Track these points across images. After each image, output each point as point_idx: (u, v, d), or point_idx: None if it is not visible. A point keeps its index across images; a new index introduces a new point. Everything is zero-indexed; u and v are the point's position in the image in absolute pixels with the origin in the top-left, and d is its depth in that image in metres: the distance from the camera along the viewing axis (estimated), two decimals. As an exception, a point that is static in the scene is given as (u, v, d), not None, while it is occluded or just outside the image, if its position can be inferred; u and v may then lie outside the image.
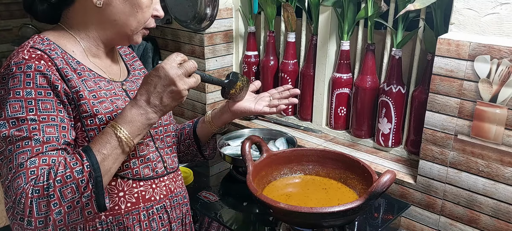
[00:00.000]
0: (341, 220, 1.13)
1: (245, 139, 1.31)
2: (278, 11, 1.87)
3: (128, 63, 1.19)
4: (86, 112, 0.95)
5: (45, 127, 0.89)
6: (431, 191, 1.39)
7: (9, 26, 3.31)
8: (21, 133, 0.87)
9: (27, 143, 0.87)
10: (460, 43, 1.22)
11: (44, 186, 0.85)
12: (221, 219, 1.37)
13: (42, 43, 0.96)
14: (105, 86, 1.02)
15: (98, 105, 0.97)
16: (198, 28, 1.91)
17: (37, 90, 0.89)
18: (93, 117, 0.96)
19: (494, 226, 1.29)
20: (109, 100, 1.00)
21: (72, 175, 0.87)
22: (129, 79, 1.13)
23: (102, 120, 0.96)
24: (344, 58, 1.70)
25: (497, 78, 1.18)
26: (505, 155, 1.22)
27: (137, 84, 1.14)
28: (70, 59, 0.98)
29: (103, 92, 1.00)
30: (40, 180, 0.86)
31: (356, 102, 1.68)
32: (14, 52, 0.94)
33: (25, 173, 0.86)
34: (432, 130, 1.34)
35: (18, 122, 0.88)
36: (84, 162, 0.88)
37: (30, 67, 0.89)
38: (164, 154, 1.13)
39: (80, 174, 0.87)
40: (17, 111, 0.88)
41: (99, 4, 0.97)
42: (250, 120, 2.00)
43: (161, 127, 1.14)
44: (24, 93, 0.88)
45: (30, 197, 0.84)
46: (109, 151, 0.91)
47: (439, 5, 1.37)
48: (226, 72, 2.10)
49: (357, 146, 1.73)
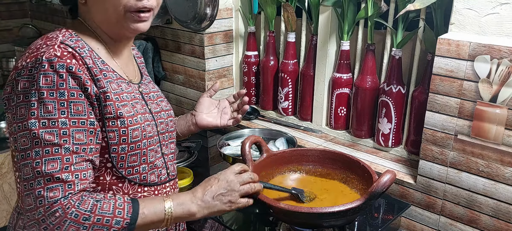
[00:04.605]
0: (341, 220, 1.13)
1: (245, 139, 1.31)
2: (278, 11, 1.87)
3: (140, 66, 1.19)
4: (111, 113, 0.95)
5: (75, 133, 0.89)
6: (431, 191, 1.39)
7: (9, 26, 3.32)
8: (51, 137, 0.86)
9: (57, 150, 0.87)
10: (460, 43, 1.22)
11: (84, 215, 0.87)
12: (221, 219, 1.37)
13: (71, 39, 0.94)
14: (126, 88, 1.02)
15: (121, 108, 0.97)
16: (198, 28, 1.91)
17: (70, 91, 0.88)
18: (116, 119, 0.95)
19: (494, 226, 1.29)
20: (130, 104, 1.00)
21: (111, 221, 0.90)
22: (143, 81, 1.13)
23: (123, 122, 0.96)
24: (344, 58, 1.70)
25: (497, 78, 1.18)
26: (505, 155, 1.22)
27: (150, 87, 1.13)
28: (96, 58, 0.97)
29: (124, 95, 1.00)
30: (84, 206, 0.88)
31: (356, 102, 1.68)
32: (43, 43, 0.91)
33: (62, 186, 0.87)
34: (432, 130, 1.34)
35: (49, 124, 0.86)
36: (127, 217, 0.91)
37: (62, 67, 0.87)
38: (168, 161, 1.14)
39: (117, 224, 0.90)
40: (50, 112, 0.86)
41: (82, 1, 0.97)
42: (250, 120, 2.00)
43: (167, 133, 1.13)
44: (57, 94, 0.87)
45: (68, 217, 0.86)
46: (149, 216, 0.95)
47: (439, 5, 1.37)
48: (226, 72, 2.10)
49: (357, 146, 1.73)
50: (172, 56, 2.14)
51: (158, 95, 1.16)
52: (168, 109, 1.16)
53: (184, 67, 2.10)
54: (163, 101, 1.17)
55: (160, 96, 1.17)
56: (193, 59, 2.03)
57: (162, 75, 2.21)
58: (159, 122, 1.09)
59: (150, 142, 1.03)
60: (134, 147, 0.99)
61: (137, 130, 0.99)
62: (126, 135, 0.97)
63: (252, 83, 2.07)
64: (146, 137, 1.01)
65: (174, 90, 2.21)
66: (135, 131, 0.98)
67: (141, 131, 1.00)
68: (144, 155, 1.02)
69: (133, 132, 0.98)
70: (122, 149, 0.97)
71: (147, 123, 1.02)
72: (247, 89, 2.09)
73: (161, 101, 1.15)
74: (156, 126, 1.07)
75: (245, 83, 2.08)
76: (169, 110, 1.17)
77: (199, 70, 2.03)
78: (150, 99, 1.10)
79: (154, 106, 1.10)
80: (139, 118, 1.00)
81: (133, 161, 1.00)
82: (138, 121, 0.99)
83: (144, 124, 1.01)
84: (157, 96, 1.15)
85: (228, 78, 2.12)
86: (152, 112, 1.08)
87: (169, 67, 2.18)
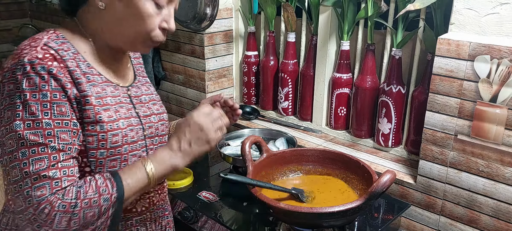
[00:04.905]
0: (341, 220, 1.13)
1: (245, 139, 1.31)
2: (278, 11, 1.87)
3: (135, 66, 1.18)
4: (89, 118, 0.94)
5: (60, 133, 0.89)
6: (431, 191, 1.39)
7: (9, 26, 3.31)
8: (36, 137, 0.86)
9: (43, 150, 0.87)
10: (460, 43, 1.22)
11: (71, 204, 0.88)
12: (221, 219, 1.37)
13: (56, 41, 0.94)
14: (112, 92, 1.01)
15: (102, 112, 0.96)
16: (198, 28, 1.91)
17: (52, 92, 0.88)
18: (95, 123, 0.95)
19: (494, 226, 1.29)
20: (113, 108, 0.99)
21: (98, 200, 0.90)
22: (135, 84, 1.12)
23: (103, 127, 0.95)
24: (344, 58, 1.70)
25: (497, 78, 1.18)
26: (505, 155, 1.22)
27: (142, 90, 1.12)
28: (81, 60, 0.96)
29: (108, 99, 0.99)
30: (68, 195, 0.88)
31: (356, 102, 1.68)
32: (27, 45, 0.92)
33: (49, 183, 0.87)
34: (432, 130, 1.34)
35: (34, 125, 0.87)
36: (113, 192, 0.92)
37: (43, 69, 0.87)
38: None
39: (106, 202, 0.91)
40: (33, 113, 0.86)
41: (102, 6, 0.95)
42: (250, 120, 2.00)
43: (157, 137, 1.12)
44: (40, 96, 0.87)
45: (56, 210, 0.86)
46: (134, 184, 0.96)
47: (439, 5, 1.37)
48: (226, 72, 2.10)
49: (357, 146, 1.73)
50: (172, 56, 2.14)
51: (151, 98, 1.14)
52: (160, 112, 1.14)
53: (184, 67, 2.10)
54: (156, 104, 1.14)
55: (153, 99, 1.14)
56: (193, 59, 2.03)
57: (162, 75, 2.21)
58: (148, 126, 1.07)
59: (132, 147, 1.01)
60: (114, 152, 0.98)
61: (117, 135, 0.97)
62: (105, 140, 0.95)
63: (252, 83, 2.07)
64: (127, 142, 1.00)
65: (174, 90, 2.21)
66: (115, 136, 0.97)
67: (122, 136, 0.98)
68: (125, 160, 1.00)
69: (113, 137, 0.96)
70: (101, 154, 0.96)
71: (130, 128, 1.01)
72: (247, 89, 2.09)
73: (154, 104, 1.13)
74: (143, 130, 1.06)
75: (245, 83, 2.08)
76: (161, 113, 1.15)
77: (199, 70, 2.03)
78: (140, 102, 1.08)
79: (144, 109, 1.08)
80: (121, 123, 0.98)
81: (113, 166, 0.99)
82: (120, 126, 0.98)
83: (127, 129, 0.99)
84: (149, 99, 1.13)
85: (228, 78, 2.12)
86: (140, 116, 1.06)
87: (169, 67, 2.18)
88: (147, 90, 1.14)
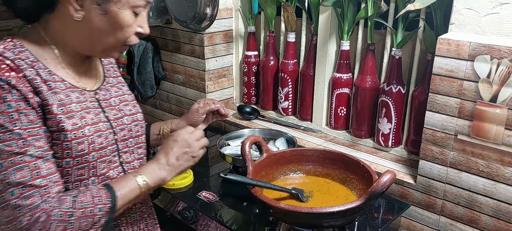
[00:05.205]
0: (341, 220, 1.14)
1: (245, 139, 1.31)
2: (278, 11, 1.87)
3: (105, 67, 1.15)
4: (52, 127, 0.92)
5: (34, 141, 0.88)
6: (431, 191, 1.39)
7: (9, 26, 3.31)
8: (11, 148, 0.86)
9: (22, 159, 0.86)
10: (460, 43, 1.22)
11: (67, 212, 0.89)
12: (221, 219, 1.37)
13: (13, 50, 0.92)
14: (77, 97, 0.98)
15: (65, 120, 0.93)
16: (198, 28, 1.91)
17: (17, 102, 0.87)
18: (58, 132, 0.93)
19: (494, 226, 1.29)
20: (79, 115, 0.97)
21: (93, 210, 0.92)
22: (104, 86, 1.09)
23: (66, 136, 0.93)
24: (344, 58, 1.70)
25: (497, 78, 1.18)
26: (505, 155, 1.22)
27: (112, 92, 1.10)
28: (41, 68, 0.94)
29: (73, 106, 0.97)
30: (65, 204, 0.89)
31: (356, 102, 1.68)
32: None
33: (38, 192, 0.87)
34: (432, 130, 1.34)
35: (6, 137, 0.86)
36: (107, 201, 0.93)
37: (1, 80, 0.86)
38: (130, 168, 1.10)
39: (100, 212, 0.92)
40: (2, 125, 0.85)
41: (78, 18, 0.93)
42: (250, 120, 2.00)
43: (132, 139, 1.10)
44: (5, 107, 0.86)
45: (53, 218, 0.87)
46: (127, 194, 0.98)
47: (439, 5, 1.37)
48: (226, 72, 2.10)
49: (357, 146, 1.73)
50: (172, 56, 2.14)
51: (122, 100, 1.12)
52: (133, 113, 1.12)
53: (184, 67, 2.10)
54: (128, 105, 1.12)
55: (124, 100, 1.12)
56: (193, 59, 2.03)
57: (162, 75, 2.21)
58: (119, 129, 1.06)
59: (101, 154, 1.00)
60: (81, 160, 0.96)
61: (83, 143, 0.95)
62: (70, 148, 0.94)
63: (252, 83, 2.07)
64: (95, 149, 0.98)
65: (174, 90, 2.21)
66: (81, 144, 0.95)
67: (89, 143, 0.96)
68: (94, 167, 0.99)
69: (78, 145, 0.95)
70: (67, 163, 0.95)
71: (98, 134, 0.99)
72: (247, 89, 2.09)
73: (125, 106, 1.11)
74: (114, 134, 1.04)
75: (245, 83, 2.08)
76: (135, 114, 1.13)
77: (199, 70, 2.03)
78: (109, 105, 1.07)
79: (115, 112, 1.07)
80: (87, 130, 0.96)
81: (81, 175, 0.98)
82: (86, 133, 0.96)
83: (94, 135, 0.98)
84: (120, 100, 1.10)
85: (228, 78, 2.12)
86: (110, 119, 1.04)
87: (169, 67, 2.19)
88: (117, 91, 1.12)
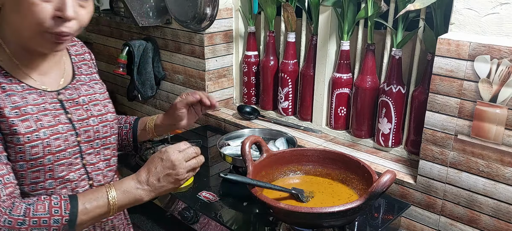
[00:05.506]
0: (341, 220, 1.13)
1: (245, 139, 1.31)
2: (278, 11, 1.87)
3: (76, 65, 1.08)
4: (4, 130, 0.90)
5: None
6: (431, 191, 1.39)
7: None
8: None
9: None
10: (460, 43, 1.22)
11: (18, 220, 0.85)
12: (221, 219, 1.37)
13: None
14: (34, 99, 0.95)
15: (19, 123, 0.90)
16: (198, 28, 1.91)
17: None
18: (11, 135, 0.90)
19: (494, 226, 1.29)
20: (34, 118, 0.93)
21: (48, 221, 0.87)
22: (71, 85, 1.04)
23: (19, 139, 0.90)
24: (344, 58, 1.70)
25: (497, 78, 1.18)
26: (505, 155, 1.22)
27: (81, 90, 1.05)
28: None
29: (29, 108, 0.93)
30: (16, 211, 0.85)
31: (356, 102, 1.68)
32: None
33: None
34: (432, 130, 1.34)
35: None
36: (65, 214, 0.88)
37: None
38: (94, 170, 1.06)
39: (56, 223, 0.88)
40: None
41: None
42: (250, 120, 2.00)
43: (98, 140, 1.05)
44: None
45: (1, 225, 0.83)
46: (92, 209, 0.92)
47: (439, 5, 1.37)
48: (226, 72, 2.10)
49: (357, 146, 1.73)
50: (172, 56, 2.14)
51: (92, 99, 1.07)
52: (102, 113, 1.07)
53: (184, 67, 2.10)
54: (98, 104, 1.07)
55: (95, 99, 1.07)
56: (193, 59, 2.03)
57: (162, 75, 2.21)
58: (83, 130, 1.02)
59: (58, 157, 0.96)
60: (35, 164, 0.93)
61: (37, 147, 0.92)
62: (23, 152, 0.91)
63: (252, 83, 2.07)
64: (51, 153, 0.94)
65: (174, 90, 2.21)
66: (35, 148, 0.92)
67: (43, 147, 0.93)
68: (50, 170, 0.95)
69: (32, 149, 0.91)
70: (20, 166, 0.92)
71: (55, 137, 0.95)
72: (247, 89, 2.09)
73: (95, 106, 1.06)
74: (77, 135, 1.00)
75: (245, 83, 2.08)
76: (104, 114, 1.08)
77: (199, 70, 2.03)
78: (75, 105, 1.02)
79: (80, 112, 1.02)
80: (42, 133, 0.93)
81: (36, 177, 0.95)
82: (40, 137, 0.93)
83: (50, 138, 0.94)
84: (89, 100, 1.06)
85: (228, 78, 2.12)
86: (73, 121, 1.00)
87: (169, 67, 2.18)
88: (88, 90, 1.07)
